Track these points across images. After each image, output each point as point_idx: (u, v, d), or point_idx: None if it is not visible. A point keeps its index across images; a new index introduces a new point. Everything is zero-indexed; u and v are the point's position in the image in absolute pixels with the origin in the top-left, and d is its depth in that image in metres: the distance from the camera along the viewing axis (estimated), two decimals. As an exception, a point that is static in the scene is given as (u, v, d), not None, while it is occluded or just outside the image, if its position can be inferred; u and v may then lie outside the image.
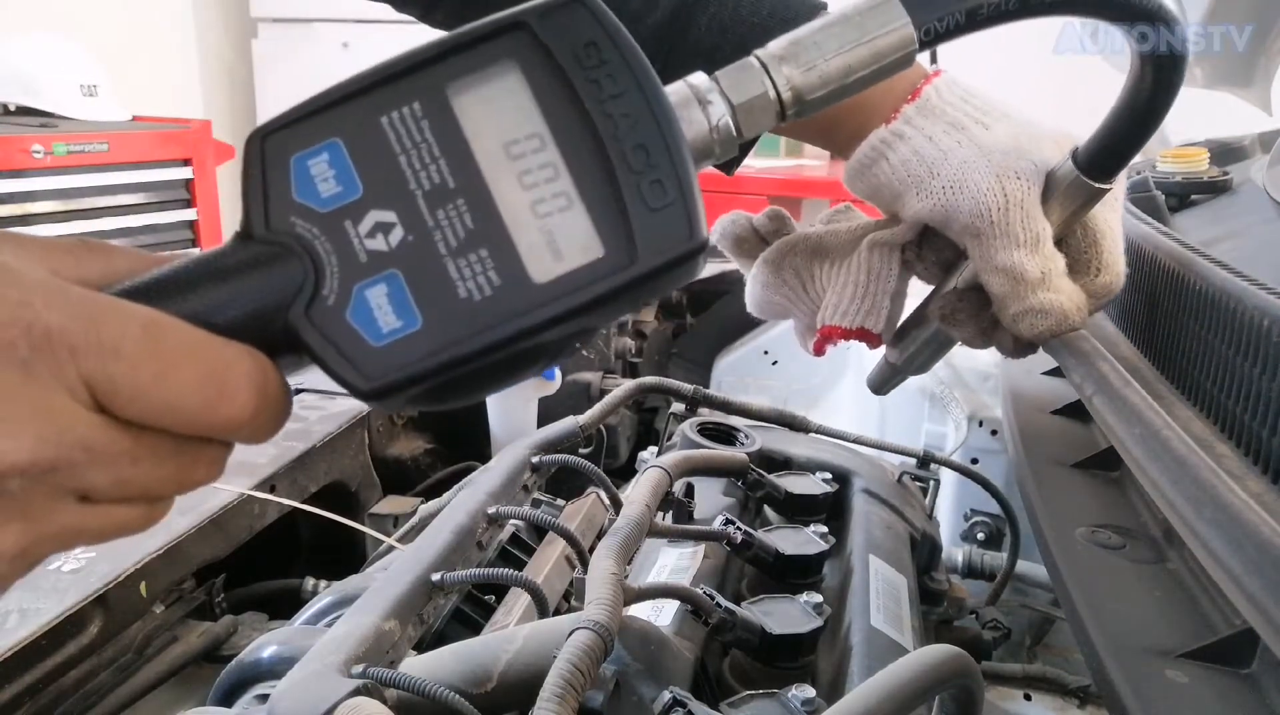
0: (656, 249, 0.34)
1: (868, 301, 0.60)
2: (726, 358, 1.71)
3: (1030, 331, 0.58)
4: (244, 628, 0.97)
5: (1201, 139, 1.31)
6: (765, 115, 0.40)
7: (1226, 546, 0.46)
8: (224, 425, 0.33)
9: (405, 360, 0.33)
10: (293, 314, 0.33)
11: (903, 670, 0.51)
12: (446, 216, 0.33)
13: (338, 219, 0.33)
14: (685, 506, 0.79)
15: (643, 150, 0.34)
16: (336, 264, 0.33)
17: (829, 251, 0.63)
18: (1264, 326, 0.54)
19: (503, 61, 0.34)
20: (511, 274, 0.33)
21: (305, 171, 0.34)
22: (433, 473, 1.41)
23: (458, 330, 0.33)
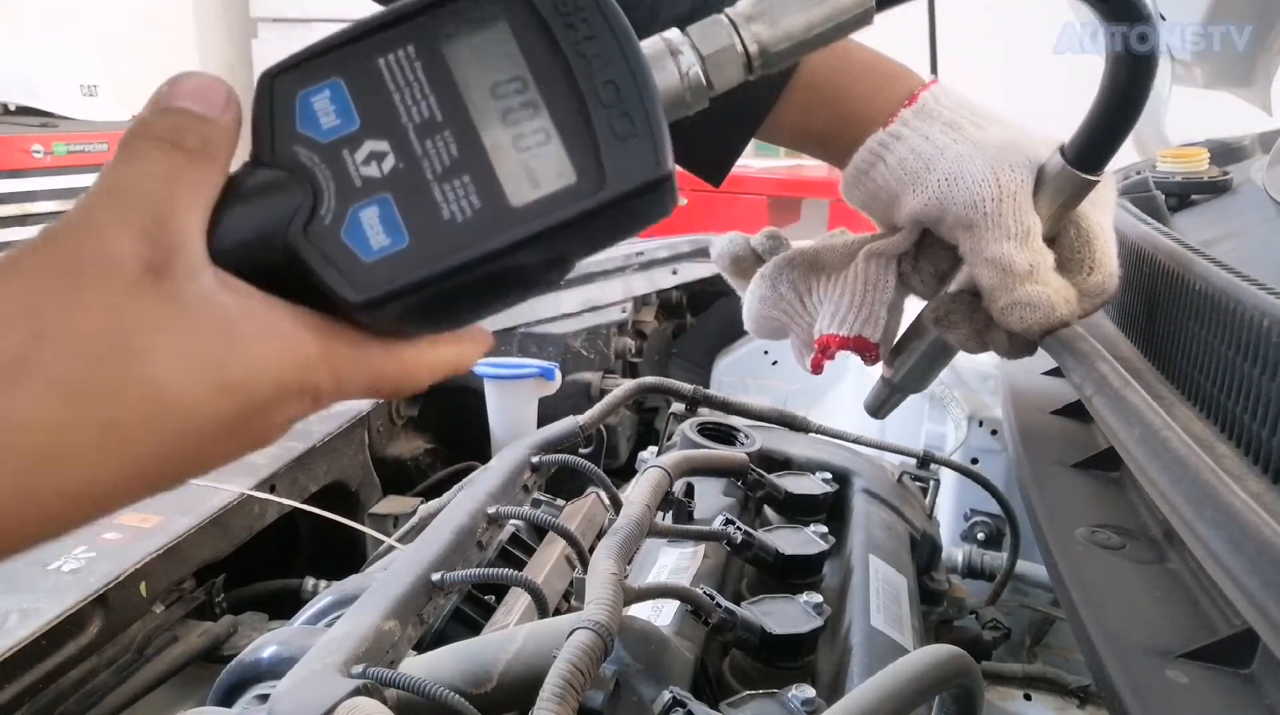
0: (624, 176, 0.37)
1: (864, 310, 0.61)
2: (726, 358, 1.71)
3: (1019, 324, 0.59)
4: (244, 628, 0.97)
5: (1201, 139, 1.31)
6: (733, 67, 0.42)
7: (1226, 546, 0.46)
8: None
9: (392, 274, 0.36)
10: (291, 232, 0.36)
11: (903, 670, 0.51)
12: (434, 147, 0.37)
13: (336, 149, 0.37)
14: (685, 506, 0.79)
15: (612, 86, 0.37)
16: (334, 188, 0.37)
17: (825, 265, 0.64)
18: (1264, 326, 0.54)
19: (490, 12, 0.38)
20: (491, 198, 0.37)
21: (309, 106, 0.37)
22: (433, 473, 1.41)
23: (441, 247, 0.36)
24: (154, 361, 0.34)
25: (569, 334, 1.51)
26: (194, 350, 0.34)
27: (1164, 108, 1.68)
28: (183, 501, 0.96)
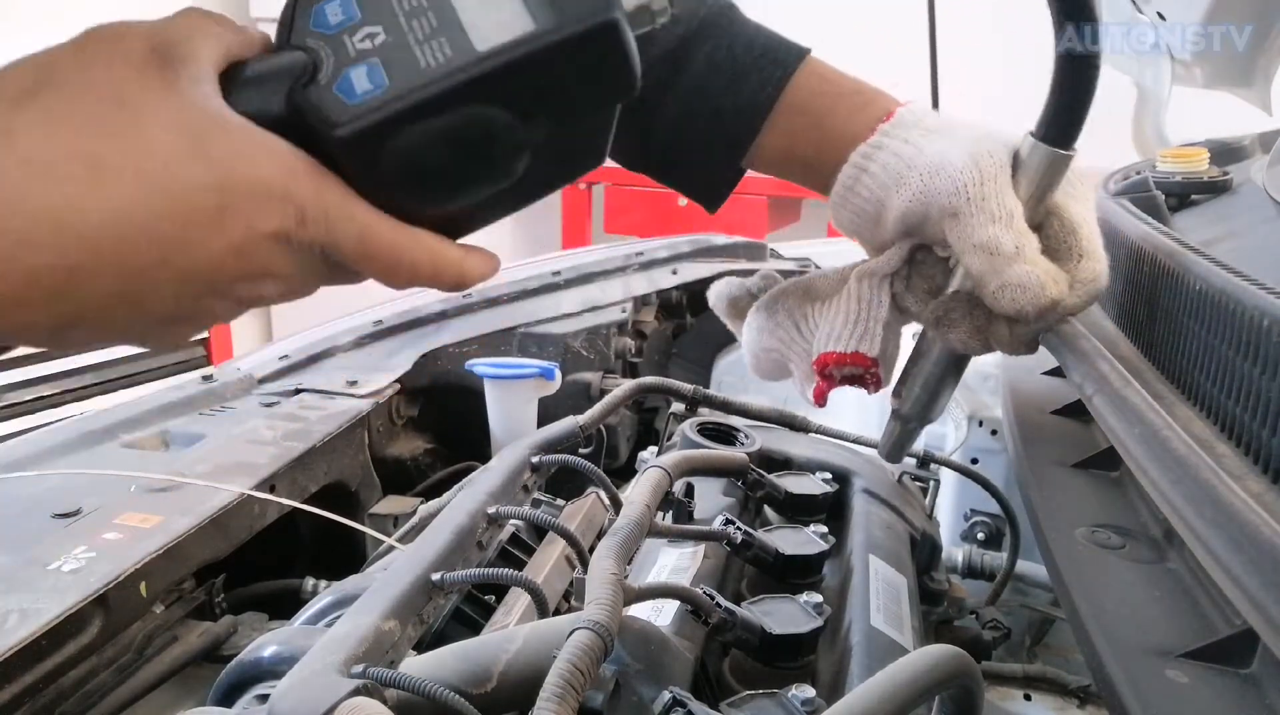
0: (575, 19, 0.43)
1: (860, 327, 0.63)
2: (726, 358, 1.71)
3: (1012, 306, 0.59)
4: (244, 628, 0.97)
5: (1201, 139, 1.31)
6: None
7: (1226, 546, 0.46)
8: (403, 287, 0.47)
9: (372, 108, 0.42)
10: (292, 89, 0.43)
11: (903, 670, 0.51)
12: (419, 23, 0.44)
13: (339, 35, 0.44)
14: (685, 506, 0.79)
15: None
16: (332, 59, 0.44)
17: (819, 292, 0.66)
18: (1264, 326, 0.54)
19: None
20: (461, 47, 0.43)
21: (322, 11, 0.45)
22: (433, 473, 1.41)
23: (415, 86, 0.42)
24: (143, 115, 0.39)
25: (569, 334, 1.51)
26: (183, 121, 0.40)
27: (1164, 108, 1.68)
28: (183, 501, 0.96)
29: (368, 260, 0.45)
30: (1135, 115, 1.74)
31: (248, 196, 0.41)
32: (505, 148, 0.45)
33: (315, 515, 1.03)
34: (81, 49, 0.40)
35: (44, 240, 0.37)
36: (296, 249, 0.43)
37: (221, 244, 0.41)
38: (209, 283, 0.42)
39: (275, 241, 0.42)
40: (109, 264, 0.38)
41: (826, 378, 0.64)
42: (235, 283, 0.43)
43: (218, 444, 1.12)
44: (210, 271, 0.41)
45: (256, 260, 0.42)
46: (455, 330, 1.52)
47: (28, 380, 2.97)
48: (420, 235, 0.45)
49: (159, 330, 0.44)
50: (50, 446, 1.09)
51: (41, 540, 0.88)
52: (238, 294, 0.43)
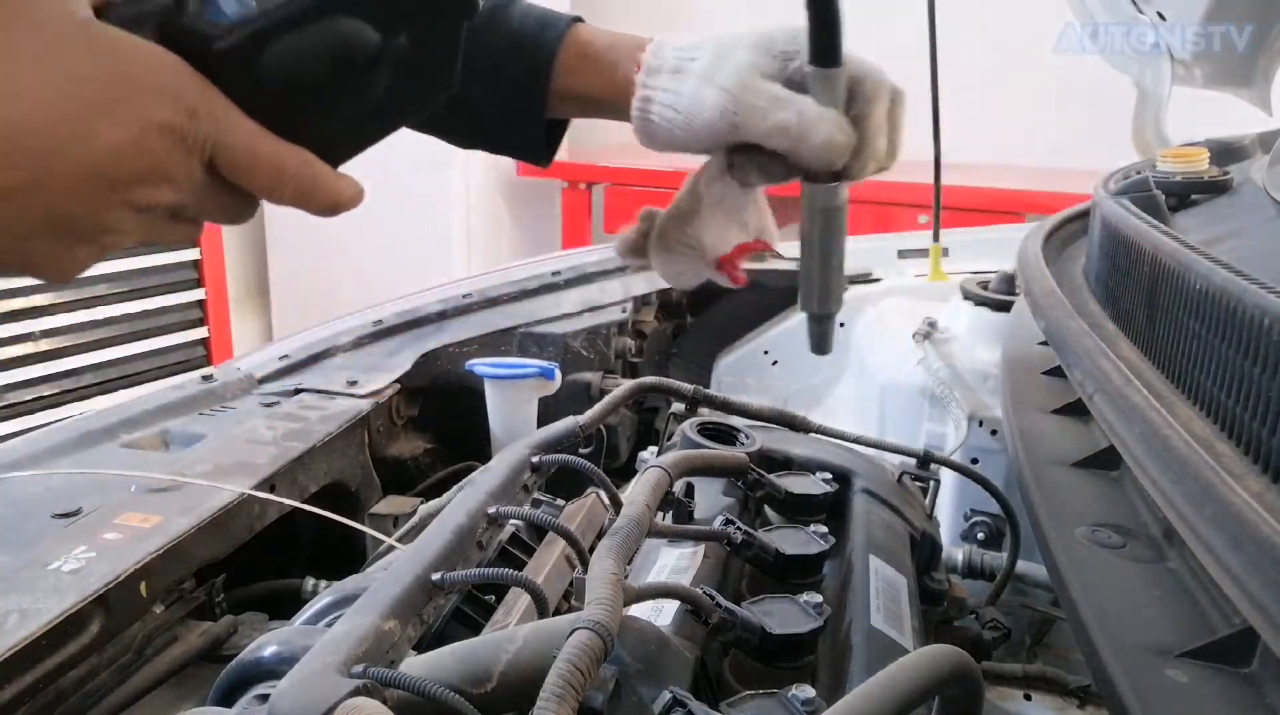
0: None
1: (731, 222, 0.74)
2: (726, 358, 1.71)
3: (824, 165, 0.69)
4: (244, 628, 0.96)
5: (1201, 139, 1.31)
6: None
7: (1226, 545, 0.46)
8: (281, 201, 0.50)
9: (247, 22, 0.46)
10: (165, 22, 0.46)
11: (903, 670, 0.51)
12: None
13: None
14: (685, 506, 0.79)
15: None
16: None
17: (688, 212, 0.75)
18: (1264, 326, 0.54)
19: None
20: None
21: None
22: (433, 473, 1.41)
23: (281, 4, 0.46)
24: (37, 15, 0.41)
25: (569, 334, 1.51)
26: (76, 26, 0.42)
27: (1164, 108, 1.68)
28: (183, 501, 0.96)
29: (253, 169, 0.48)
30: (1135, 115, 1.74)
31: (140, 88, 0.43)
32: (366, 58, 0.48)
33: (315, 515, 1.03)
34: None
35: None
36: (188, 148, 0.45)
37: (117, 135, 0.43)
38: (106, 178, 0.43)
39: (169, 135, 0.44)
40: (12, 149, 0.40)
41: (732, 269, 0.75)
42: (132, 183, 0.44)
43: (218, 444, 1.12)
44: (106, 163, 0.43)
45: (151, 156, 0.44)
46: (455, 330, 1.52)
47: (28, 380, 2.97)
48: (300, 150, 0.49)
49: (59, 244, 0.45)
50: (50, 446, 1.09)
51: (41, 540, 0.88)
52: (135, 198, 0.45)
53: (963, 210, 3.21)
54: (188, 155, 0.45)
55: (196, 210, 0.49)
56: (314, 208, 0.51)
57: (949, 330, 1.39)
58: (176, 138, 0.44)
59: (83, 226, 0.44)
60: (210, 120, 0.45)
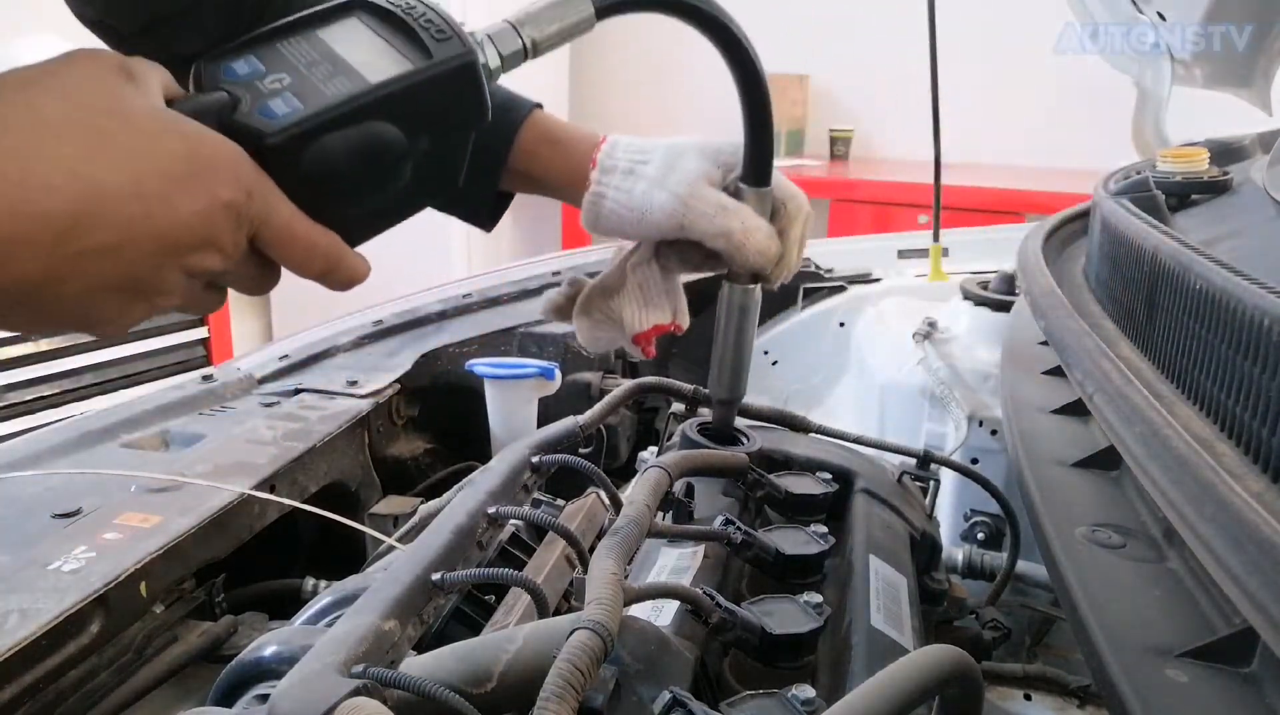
0: (444, 58, 0.57)
1: (649, 306, 0.82)
2: (726, 358, 1.70)
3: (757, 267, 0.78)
4: (244, 628, 0.96)
5: (1201, 139, 1.31)
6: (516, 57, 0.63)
7: (1226, 545, 0.46)
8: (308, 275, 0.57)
9: (295, 122, 0.53)
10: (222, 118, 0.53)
11: (903, 670, 0.51)
12: (318, 69, 0.56)
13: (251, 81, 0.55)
14: (685, 506, 0.79)
15: (430, 21, 0.58)
16: (249, 95, 0.55)
17: (613, 287, 0.83)
18: (1264, 326, 0.54)
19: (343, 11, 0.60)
20: (358, 81, 0.55)
21: (230, 67, 0.56)
22: (433, 473, 1.41)
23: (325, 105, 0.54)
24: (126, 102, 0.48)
25: (569, 334, 1.50)
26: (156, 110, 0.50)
27: (1164, 108, 1.68)
28: (183, 501, 0.96)
29: (289, 244, 0.54)
30: (1135, 115, 1.74)
31: (210, 168, 0.50)
32: (394, 156, 0.57)
33: (315, 515, 1.03)
34: (69, 57, 0.49)
35: (59, 185, 0.44)
36: (240, 223, 0.52)
37: (189, 206, 0.49)
38: (175, 244, 0.49)
39: (228, 211, 0.50)
40: (106, 213, 0.46)
41: (645, 344, 0.83)
42: (192, 249, 0.50)
43: (218, 444, 1.12)
44: (179, 231, 0.49)
45: (212, 227, 0.50)
46: (455, 330, 1.52)
47: (28, 380, 2.97)
48: (329, 232, 0.55)
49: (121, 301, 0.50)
50: (50, 446, 1.09)
51: (41, 540, 0.88)
52: (190, 263, 0.51)
53: (963, 210, 3.22)
54: (239, 229, 0.52)
55: (231, 279, 0.56)
56: (333, 283, 0.58)
57: (949, 330, 1.39)
58: (234, 213, 0.51)
59: (145, 286, 0.50)
60: (261, 200, 0.52)
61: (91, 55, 0.50)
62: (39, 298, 0.46)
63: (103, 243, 0.46)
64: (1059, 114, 4.02)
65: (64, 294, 0.47)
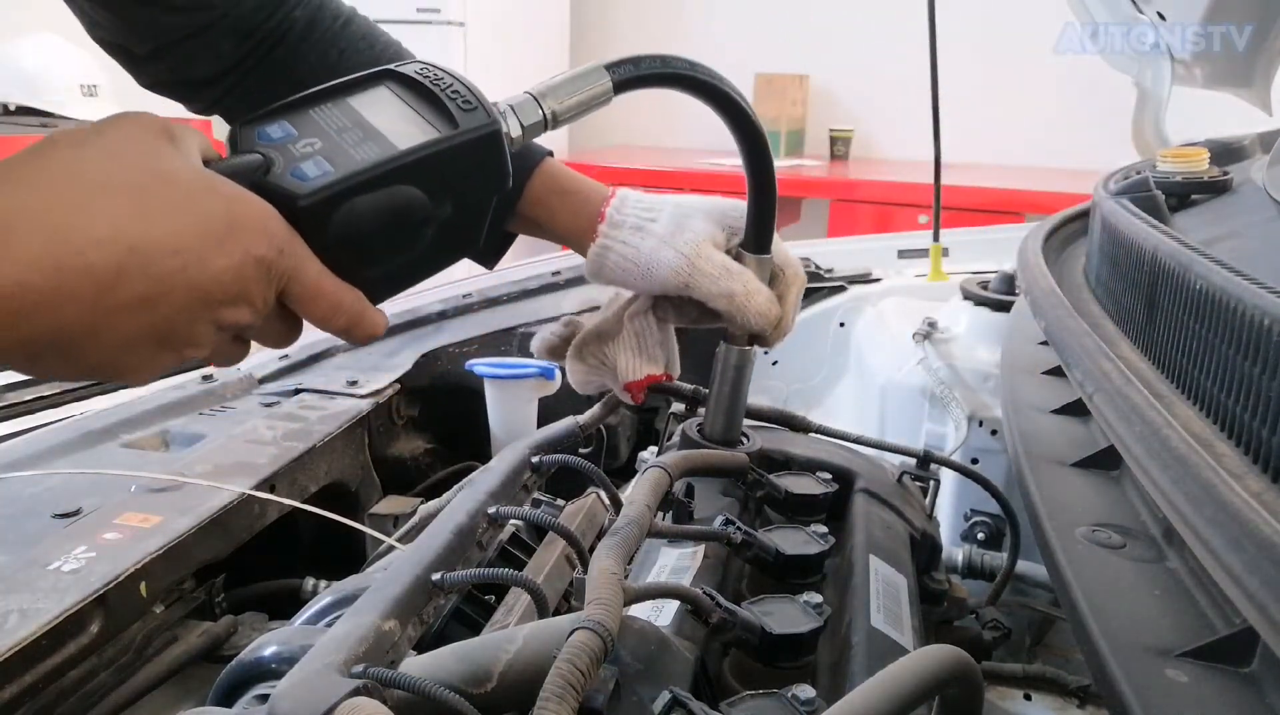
0: (470, 127, 0.59)
1: (644, 356, 0.85)
2: (726, 358, 1.70)
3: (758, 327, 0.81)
4: (244, 628, 0.96)
5: (1201, 139, 1.31)
6: (536, 128, 0.66)
7: (1226, 545, 0.46)
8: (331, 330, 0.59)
9: (324, 185, 0.55)
10: (256, 179, 0.56)
11: (903, 670, 0.51)
12: (348, 135, 0.58)
13: (284, 144, 0.58)
14: (685, 506, 0.79)
15: (456, 92, 0.61)
16: (282, 158, 0.57)
17: (609, 333, 0.86)
18: (1264, 326, 0.54)
19: (373, 82, 0.63)
20: (387, 147, 0.57)
21: (265, 131, 0.59)
22: (433, 473, 1.41)
23: (355, 170, 0.56)
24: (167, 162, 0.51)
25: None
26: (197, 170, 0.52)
27: (1164, 108, 1.68)
28: (183, 501, 0.96)
29: (316, 301, 0.56)
30: (1135, 115, 1.74)
31: (245, 225, 0.52)
32: (419, 219, 0.59)
33: (315, 515, 1.03)
34: (116, 120, 0.52)
35: (103, 240, 0.46)
36: (271, 279, 0.54)
37: (224, 262, 0.50)
38: (209, 298, 0.51)
39: (260, 267, 0.52)
40: (146, 267, 0.48)
41: (636, 392, 0.85)
42: (225, 303, 0.52)
43: (218, 444, 1.12)
44: (213, 285, 0.51)
45: (244, 282, 0.52)
46: (455, 330, 1.52)
47: (28, 380, 2.97)
48: (353, 288, 0.58)
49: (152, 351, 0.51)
50: (50, 446, 1.09)
51: (41, 540, 0.88)
52: (221, 316, 0.52)
53: (963, 210, 3.22)
54: (269, 285, 0.54)
55: (257, 333, 0.58)
56: (354, 338, 0.60)
57: (949, 330, 1.39)
58: (266, 269, 0.53)
59: (177, 338, 0.51)
60: (292, 258, 0.54)
61: (136, 117, 0.52)
62: (77, 347, 0.48)
63: (141, 295, 0.48)
64: (1059, 114, 4.02)
65: (101, 344, 0.49)
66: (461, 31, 3.98)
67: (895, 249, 1.96)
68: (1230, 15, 1.45)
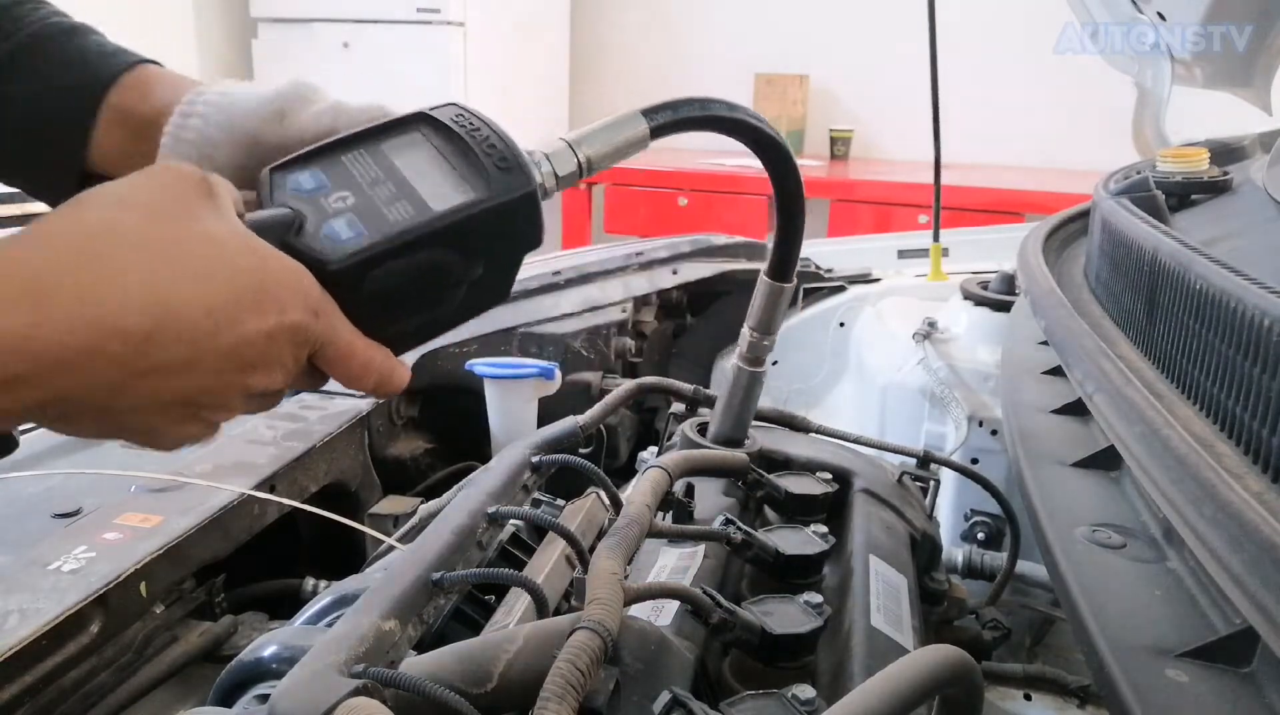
0: (506, 190, 0.57)
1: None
2: (727, 358, 1.71)
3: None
4: (244, 628, 0.96)
5: (1201, 139, 1.31)
6: (572, 173, 0.64)
7: (1226, 545, 0.46)
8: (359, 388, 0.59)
9: (356, 250, 0.54)
10: (287, 237, 0.54)
11: (903, 670, 0.51)
12: (381, 190, 0.56)
13: (315, 198, 0.56)
14: (685, 506, 0.79)
15: (493, 147, 0.58)
16: (313, 214, 0.55)
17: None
18: (1264, 326, 0.54)
19: (409, 127, 0.60)
20: (420, 207, 0.55)
21: (296, 179, 0.57)
22: (433, 473, 1.41)
23: (388, 233, 0.54)
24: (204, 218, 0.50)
25: (569, 334, 1.51)
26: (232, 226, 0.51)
27: (1164, 108, 1.68)
28: (183, 501, 0.96)
29: (347, 363, 0.55)
30: (1135, 115, 1.74)
31: (279, 287, 0.51)
32: (451, 281, 0.58)
33: (315, 515, 1.03)
34: (153, 174, 0.51)
35: (136, 300, 0.46)
36: (303, 342, 0.53)
37: (258, 325, 0.50)
38: (241, 361, 0.50)
39: (293, 331, 0.51)
40: (179, 329, 0.47)
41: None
42: (256, 367, 0.51)
43: (218, 444, 1.12)
44: (245, 348, 0.50)
45: (276, 345, 0.51)
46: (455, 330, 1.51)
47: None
48: (382, 348, 0.57)
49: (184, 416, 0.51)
50: (50, 446, 1.09)
51: (41, 540, 0.88)
52: (252, 382, 0.52)
53: (963, 210, 3.22)
54: (301, 348, 0.53)
55: (289, 385, 0.56)
56: (381, 394, 0.60)
57: (949, 330, 1.39)
58: (298, 333, 0.52)
59: (208, 402, 0.51)
60: (325, 321, 0.53)
61: (175, 171, 0.51)
62: (107, 407, 0.48)
63: (173, 358, 0.47)
64: (1059, 114, 4.02)
65: (131, 406, 0.48)
66: (461, 31, 3.98)
67: (895, 249, 1.96)
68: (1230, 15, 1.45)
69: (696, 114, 0.70)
